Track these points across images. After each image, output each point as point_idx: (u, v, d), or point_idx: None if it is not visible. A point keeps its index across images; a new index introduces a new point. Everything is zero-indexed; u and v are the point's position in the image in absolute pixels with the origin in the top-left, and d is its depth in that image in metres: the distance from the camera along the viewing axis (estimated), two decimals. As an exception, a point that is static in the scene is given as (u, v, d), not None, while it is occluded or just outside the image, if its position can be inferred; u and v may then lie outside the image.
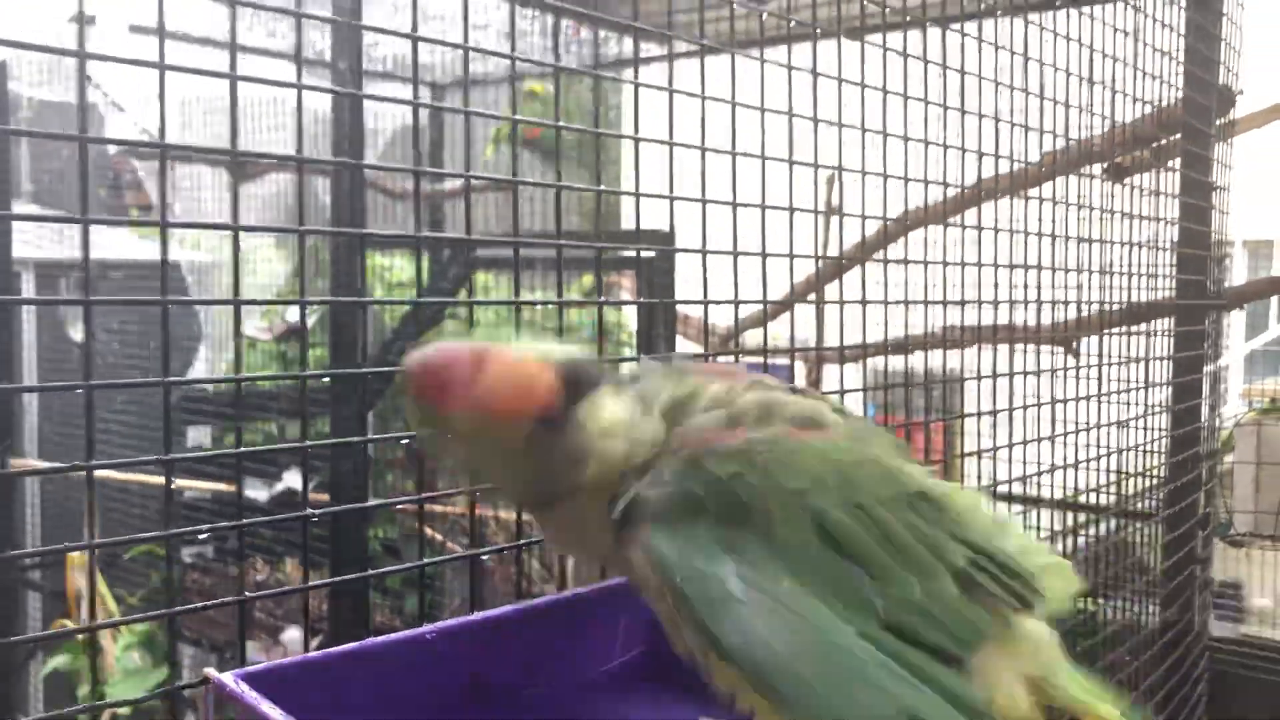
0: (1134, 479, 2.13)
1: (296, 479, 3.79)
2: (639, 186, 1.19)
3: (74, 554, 4.13)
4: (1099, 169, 2.04)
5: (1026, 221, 1.78)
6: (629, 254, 2.58)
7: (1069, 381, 1.98)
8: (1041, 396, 1.87)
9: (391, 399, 3.41)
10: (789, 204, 1.35)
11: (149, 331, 4.79)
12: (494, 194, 3.45)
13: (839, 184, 1.43)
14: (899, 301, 1.53)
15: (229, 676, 0.67)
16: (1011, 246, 1.76)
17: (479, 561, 1.01)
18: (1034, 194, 1.83)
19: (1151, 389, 2.22)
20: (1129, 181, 2.11)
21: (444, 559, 2.37)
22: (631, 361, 0.90)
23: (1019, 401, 1.81)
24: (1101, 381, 2.06)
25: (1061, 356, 2.01)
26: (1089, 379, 2.03)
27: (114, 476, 4.14)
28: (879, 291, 1.53)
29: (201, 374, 4.68)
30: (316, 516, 0.89)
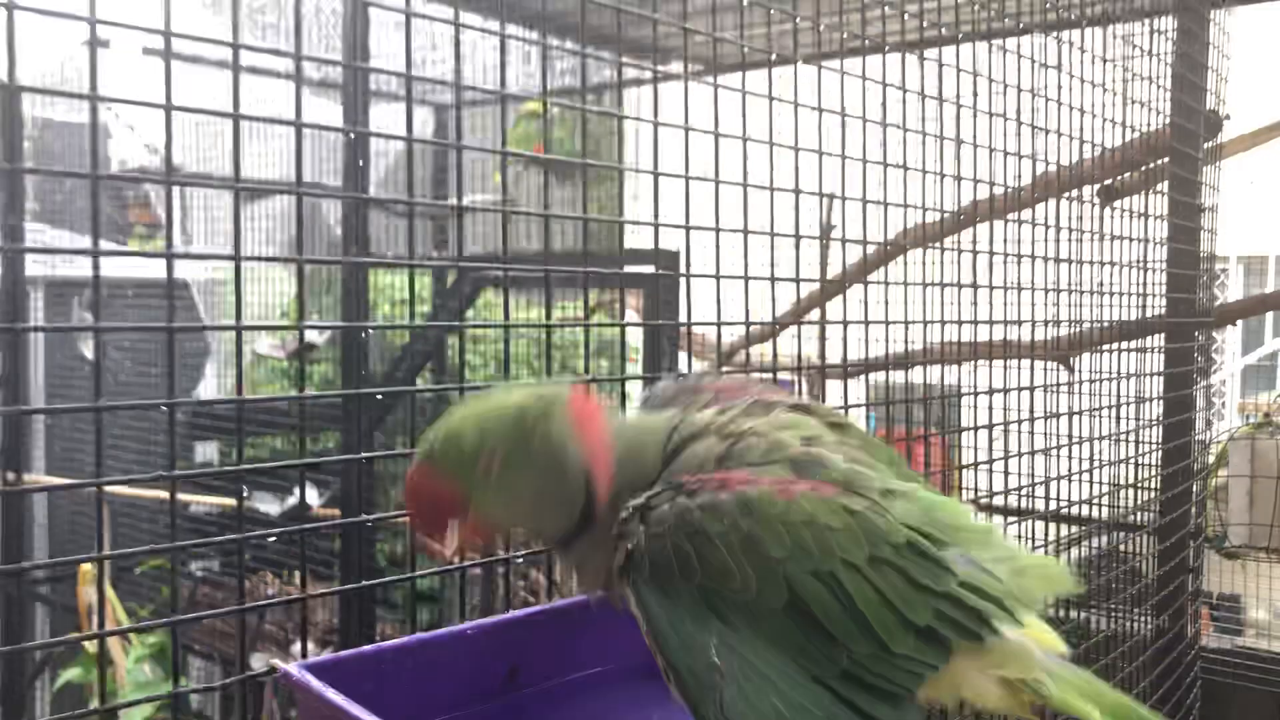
0: (1126, 491, 2.19)
1: (307, 493, 3.86)
2: (636, 205, 1.26)
3: (85, 568, 4.18)
4: (1091, 192, 2.12)
5: (1019, 244, 1.85)
6: (632, 271, 2.65)
7: (1064, 397, 2.05)
8: (1038, 411, 1.94)
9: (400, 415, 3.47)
10: (788, 229, 1.43)
11: (158, 349, 4.85)
12: (497, 214, 3.51)
13: (833, 206, 1.50)
14: (897, 321, 1.60)
15: (294, 667, 0.74)
16: (1005, 267, 1.83)
17: (491, 575, 1.07)
18: (1028, 217, 1.91)
19: (1143, 404, 2.29)
20: (1119, 204, 2.18)
21: (435, 570, 2.42)
22: (649, 379, 0.96)
23: (1016, 416, 1.88)
24: (1096, 397, 2.13)
25: (1058, 372, 2.08)
26: (1082, 394, 2.10)
27: (124, 492, 4.19)
28: (880, 310, 1.60)
29: (211, 389, 4.74)
30: (309, 530, 0.95)
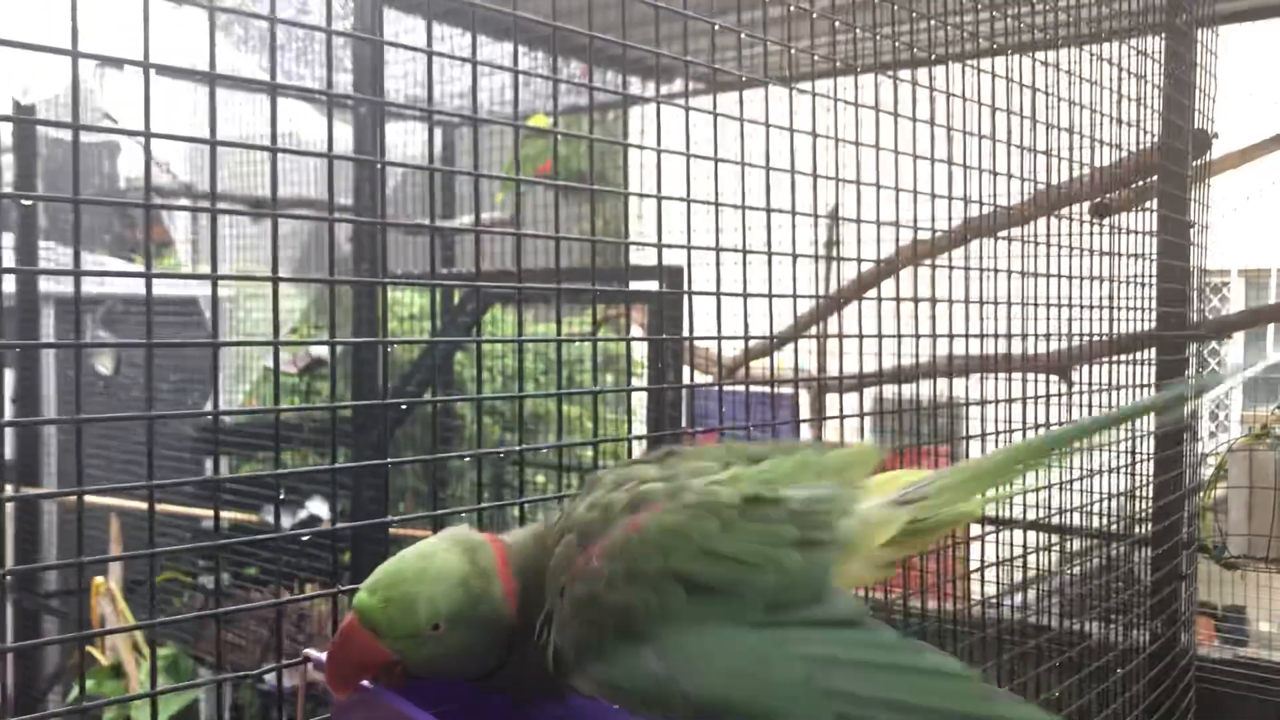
0: (1120, 500, 2.25)
1: (318, 506, 3.92)
2: (640, 221, 1.32)
3: (98, 582, 4.24)
4: (1082, 209, 2.18)
5: (1015, 260, 1.92)
6: (638, 287, 2.71)
7: (1062, 410, 2.12)
8: (1036, 422, 2.00)
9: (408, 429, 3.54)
10: (787, 246, 1.49)
11: (169, 365, 4.93)
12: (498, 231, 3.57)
13: (836, 224, 1.56)
14: (892, 335, 1.67)
15: (326, 655, 0.80)
16: (994, 282, 1.90)
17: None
18: (1024, 234, 1.97)
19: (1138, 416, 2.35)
20: (1111, 221, 2.25)
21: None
22: (655, 389, 1.01)
23: (1015, 427, 1.95)
24: (1093, 409, 2.19)
25: (1057, 385, 2.14)
26: (1078, 407, 2.16)
27: (138, 506, 4.24)
28: (879, 326, 1.66)
29: (222, 404, 4.80)
30: (307, 535, 1.01)
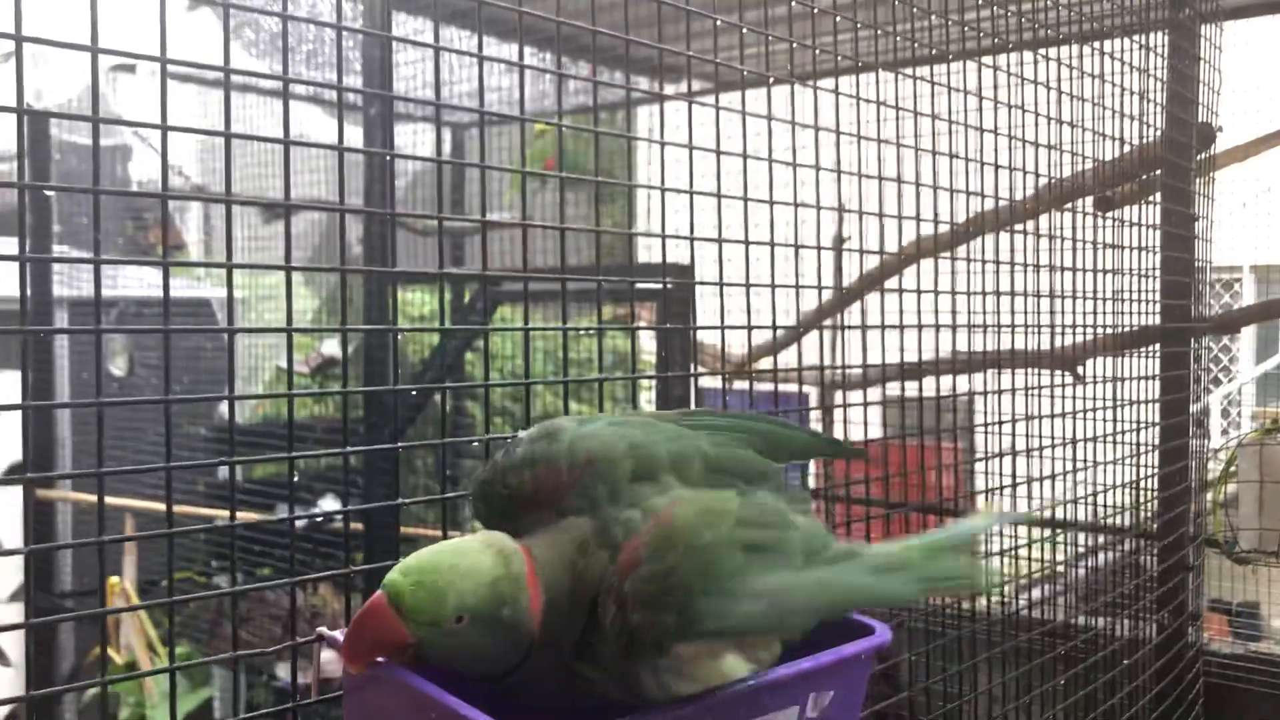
0: (1126, 491, 2.26)
1: (331, 505, 3.95)
2: (648, 220, 1.34)
3: (113, 581, 4.28)
4: (1087, 203, 2.20)
5: (1012, 253, 1.93)
6: (646, 285, 2.73)
7: (1071, 401, 2.14)
8: (1050, 412, 2.02)
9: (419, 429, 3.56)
10: (794, 240, 1.51)
11: (181, 368, 4.96)
12: (513, 231, 3.60)
13: (850, 218, 1.59)
14: (895, 327, 1.69)
15: (339, 633, 0.82)
16: (997, 277, 1.92)
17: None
18: (1030, 228, 1.99)
19: (1141, 407, 2.36)
20: (1115, 215, 2.26)
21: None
22: (661, 378, 1.03)
23: (1028, 425, 1.97)
24: (1100, 401, 2.21)
25: (1064, 379, 2.16)
26: (1085, 399, 2.18)
27: (153, 506, 4.28)
28: (885, 319, 1.68)
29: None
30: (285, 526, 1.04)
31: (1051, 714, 1.99)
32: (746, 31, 1.44)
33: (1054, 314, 2.09)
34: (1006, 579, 2.03)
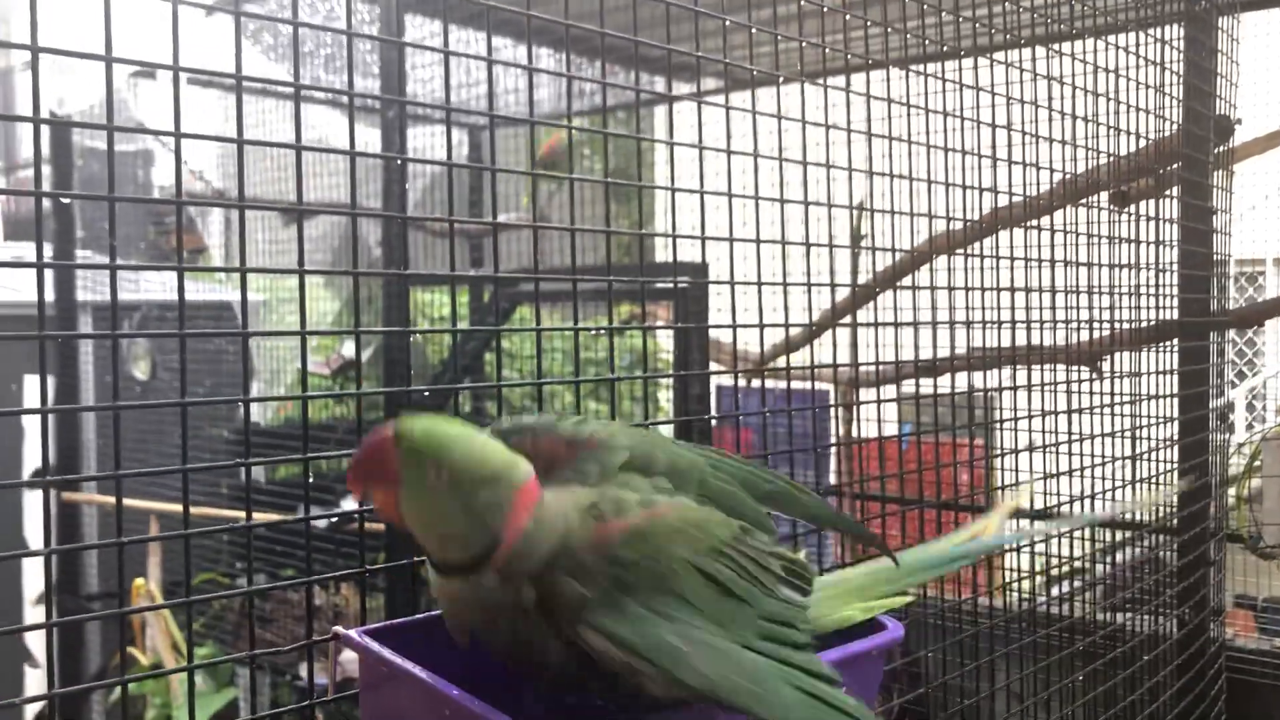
0: (1145, 486, 2.25)
1: (352, 505, 3.97)
2: (667, 220, 1.35)
3: (138, 583, 4.32)
4: (1104, 198, 2.19)
5: (1026, 250, 1.93)
6: (664, 285, 2.74)
7: (1090, 398, 2.13)
8: (1069, 408, 2.02)
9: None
10: (816, 238, 1.51)
11: (203, 370, 5.01)
12: (529, 231, 3.62)
13: (867, 216, 1.59)
14: (911, 324, 1.69)
15: (354, 632, 0.83)
16: (1012, 272, 1.92)
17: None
18: (1046, 224, 1.99)
19: (1161, 402, 2.36)
20: (1133, 209, 2.25)
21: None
22: (676, 376, 1.03)
23: (1045, 421, 1.97)
24: (1120, 397, 2.20)
25: (1083, 374, 2.16)
26: (1105, 395, 2.17)
27: (177, 508, 4.31)
28: (907, 318, 1.69)
29: (255, 407, 4.87)
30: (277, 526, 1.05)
31: (1071, 710, 1.99)
32: (756, 31, 1.44)
33: (1072, 309, 2.09)
34: (1025, 574, 2.03)
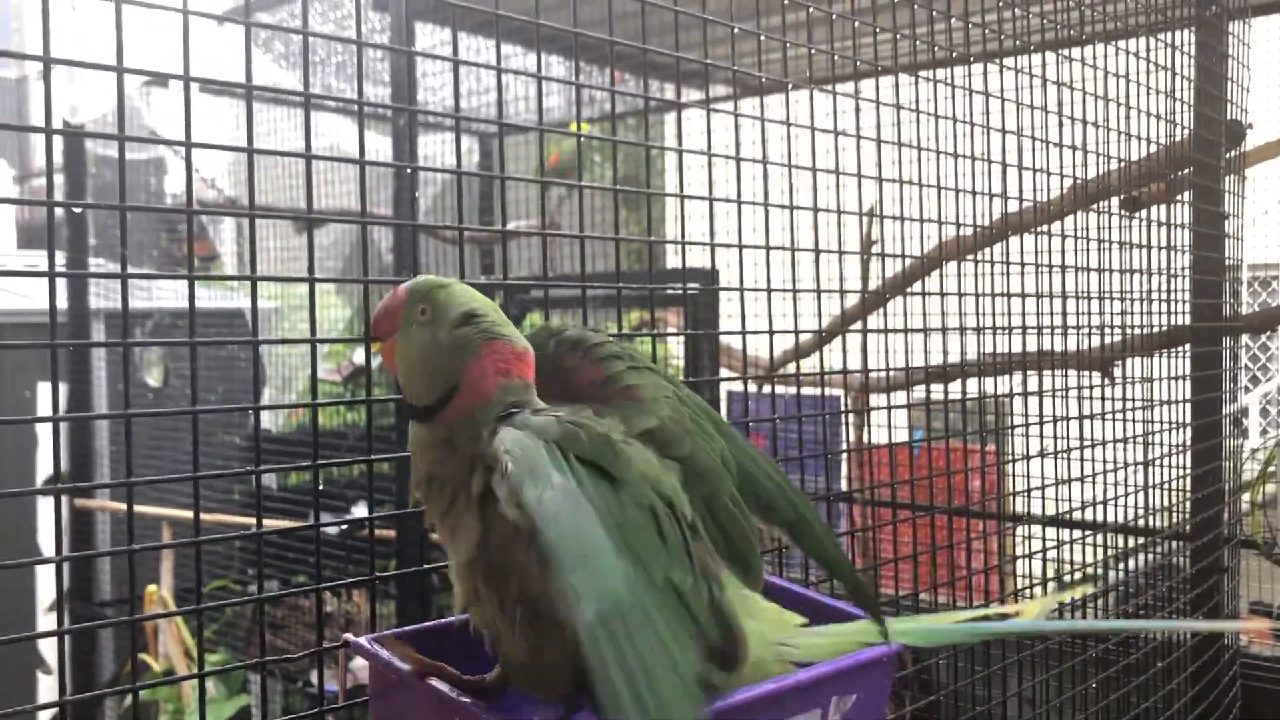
0: (1158, 492, 2.25)
1: (365, 511, 3.98)
2: (679, 226, 1.35)
3: (151, 590, 4.33)
4: (1115, 203, 2.19)
5: (1037, 255, 1.93)
6: (674, 291, 2.74)
7: (1101, 404, 2.13)
8: (1072, 418, 2.01)
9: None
10: (824, 245, 1.51)
11: (216, 377, 5.02)
12: (539, 238, 3.62)
13: (877, 222, 1.59)
14: (922, 330, 1.69)
15: (364, 639, 0.84)
16: (1023, 278, 1.91)
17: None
18: (1057, 229, 1.99)
19: (1174, 407, 2.35)
20: (1144, 214, 2.25)
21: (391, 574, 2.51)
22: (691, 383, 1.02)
23: (1057, 426, 1.96)
24: (1132, 403, 2.20)
25: (1094, 379, 2.15)
26: (1117, 400, 2.17)
27: (190, 515, 4.32)
28: (918, 323, 1.68)
29: (266, 414, 4.89)
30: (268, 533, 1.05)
31: (1084, 716, 1.98)
32: (765, 38, 1.44)
33: (1084, 315, 2.08)
34: (1039, 580, 2.02)
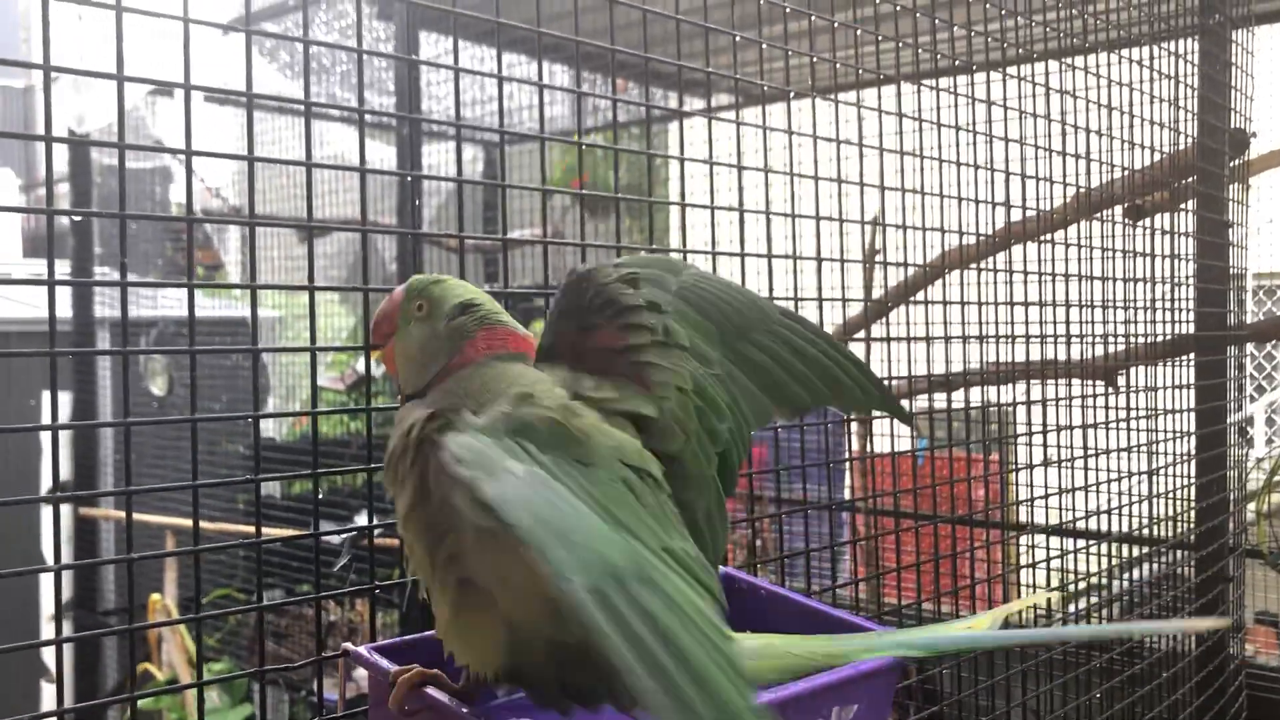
0: (1163, 501, 2.24)
1: (364, 520, 3.98)
2: (682, 235, 1.35)
3: (154, 599, 4.33)
4: (1119, 211, 2.19)
5: (1040, 264, 1.93)
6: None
7: (1101, 413, 2.12)
8: (1076, 428, 2.01)
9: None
10: (827, 254, 1.51)
11: (220, 385, 5.03)
12: (542, 246, 3.63)
13: (880, 230, 1.59)
14: (924, 339, 1.68)
15: (364, 649, 0.83)
16: (1025, 287, 1.91)
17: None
18: (1061, 238, 1.99)
19: (1178, 416, 2.34)
20: (1148, 223, 2.25)
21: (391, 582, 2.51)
22: None
23: (1061, 436, 1.96)
24: (1136, 411, 2.19)
25: (1099, 388, 2.15)
26: (1121, 409, 2.16)
27: (189, 524, 4.32)
28: (920, 332, 1.68)
29: (270, 423, 4.89)
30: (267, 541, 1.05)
31: (1089, 727, 1.97)
32: (768, 46, 1.44)
33: (1087, 324, 2.08)
34: (1043, 590, 2.01)
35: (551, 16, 1.16)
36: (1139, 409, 2.21)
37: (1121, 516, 2.12)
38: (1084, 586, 2.18)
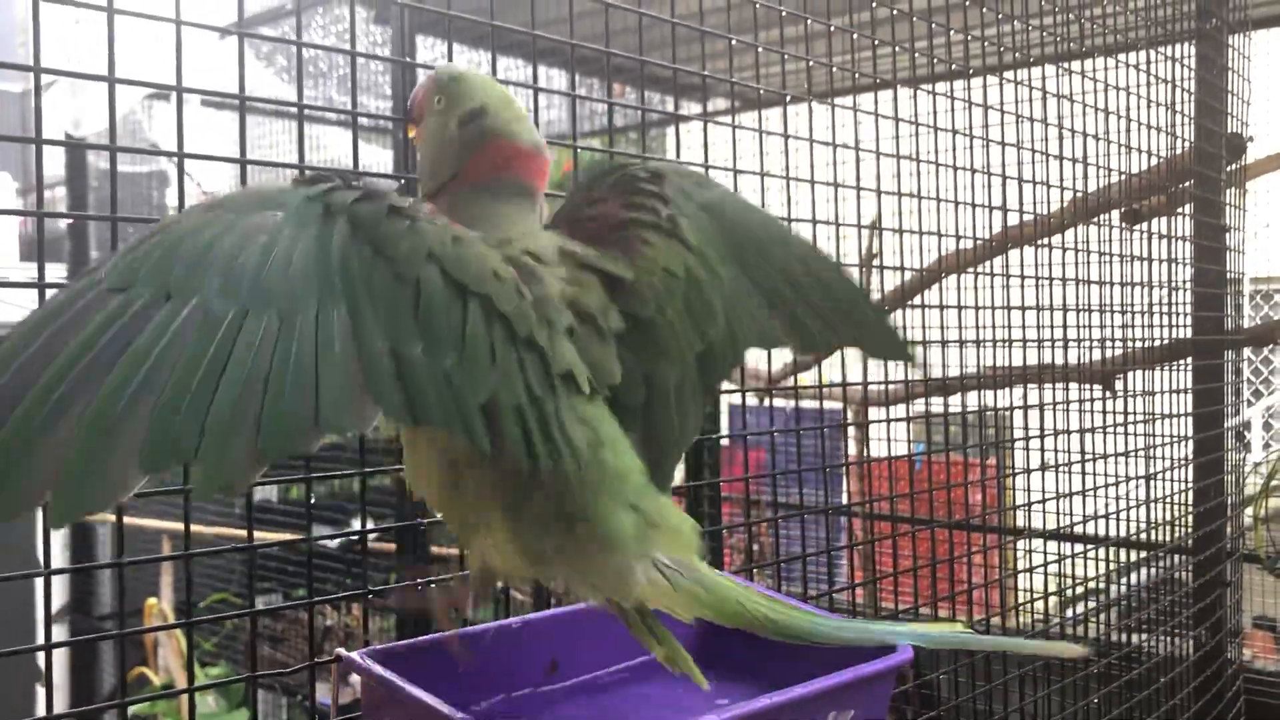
0: (1161, 506, 2.24)
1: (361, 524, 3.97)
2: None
3: (151, 603, 4.32)
4: (1116, 215, 2.19)
5: (1037, 268, 1.93)
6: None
7: (1103, 417, 2.12)
8: (1074, 432, 2.01)
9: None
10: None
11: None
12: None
13: (877, 235, 1.59)
14: (921, 342, 1.68)
15: (357, 654, 0.83)
16: (1023, 291, 1.91)
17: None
18: (1058, 242, 1.98)
19: (1176, 421, 2.34)
20: (1145, 227, 2.25)
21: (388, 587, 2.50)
22: None
23: (1058, 440, 1.96)
24: (1133, 416, 2.19)
25: (1097, 393, 2.15)
26: (1118, 414, 2.16)
27: (194, 528, 4.32)
28: (918, 336, 1.68)
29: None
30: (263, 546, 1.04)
31: (1087, 732, 1.97)
32: (764, 51, 1.44)
33: (1085, 328, 2.08)
34: (1040, 595, 2.01)
35: (547, 21, 1.16)
36: (1136, 413, 2.20)
37: (1119, 521, 2.12)
38: (1081, 591, 2.18)
